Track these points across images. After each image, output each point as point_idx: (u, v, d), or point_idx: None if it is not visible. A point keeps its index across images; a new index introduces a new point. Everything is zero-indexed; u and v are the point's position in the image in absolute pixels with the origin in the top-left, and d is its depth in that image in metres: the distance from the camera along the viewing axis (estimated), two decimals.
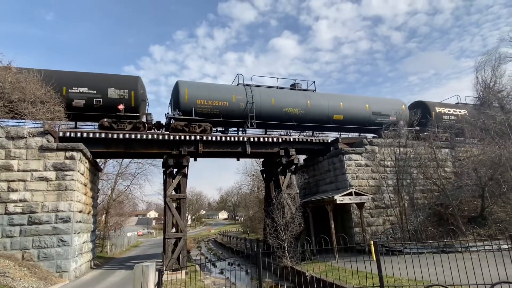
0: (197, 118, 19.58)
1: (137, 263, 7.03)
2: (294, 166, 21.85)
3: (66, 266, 14.57)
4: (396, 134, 20.45)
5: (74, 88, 17.75)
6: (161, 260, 18.08)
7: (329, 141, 22.98)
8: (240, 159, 23.51)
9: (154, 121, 19.99)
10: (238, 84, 22.16)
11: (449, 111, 26.32)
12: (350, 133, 24.45)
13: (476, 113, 23.72)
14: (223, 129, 21.38)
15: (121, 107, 18.27)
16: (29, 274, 12.68)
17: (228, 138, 19.99)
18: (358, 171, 21.24)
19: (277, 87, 23.36)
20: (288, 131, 23.09)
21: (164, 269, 14.38)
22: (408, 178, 20.68)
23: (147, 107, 20.13)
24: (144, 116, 19.53)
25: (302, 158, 28.07)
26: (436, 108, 26.02)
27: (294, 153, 21.31)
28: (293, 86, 24.15)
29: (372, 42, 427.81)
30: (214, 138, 19.62)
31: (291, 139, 21.54)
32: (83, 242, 17.28)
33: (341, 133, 24.14)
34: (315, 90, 24.44)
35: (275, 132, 23.82)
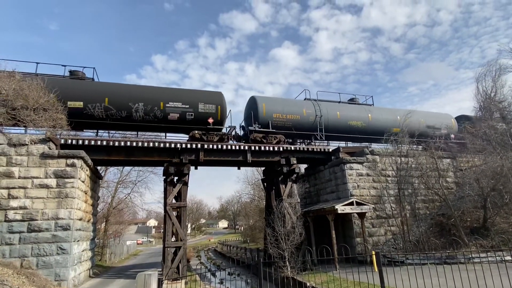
0: (274, 130, 21.59)
1: (137, 272, 6.98)
2: (295, 175, 21.79)
3: (65, 274, 14.44)
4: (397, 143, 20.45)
5: (170, 102, 19.45)
6: (161, 269, 17.92)
7: (330, 150, 22.96)
8: (241, 167, 23.50)
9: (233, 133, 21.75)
10: (305, 99, 24.58)
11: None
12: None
13: (478, 123, 23.75)
14: (291, 140, 22.96)
15: (210, 120, 20.23)
16: (27, 282, 12.55)
17: (229, 147, 20.00)
18: (359, 180, 21.17)
19: (339, 102, 25.58)
20: (347, 142, 24.60)
21: (164, 278, 14.25)
22: (410, 188, 20.57)
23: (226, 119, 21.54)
24: (225, 128, 21.32)
25: (303, 167, 28.01)
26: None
27: (295, 162, 21.27)
28: (351, 100, 26.33)
29: (371, 53, 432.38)
30: (215, 147, 19.63)
31: (292, 148, 21.54)
32: (83, 250, 17.16)
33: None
34: (373, 104, 26.65)
35: (336, 143, 24.51)
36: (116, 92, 18.79)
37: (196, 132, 19.79)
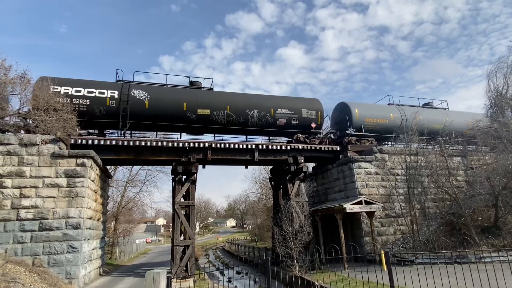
0: (366, 133, 23.33)
1: (146, 271, 7.04)
2: (302, 174, 21.73)
3: (76, 272, 14.64)
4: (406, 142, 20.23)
5: (278, 109, 21.87)
6: (170, 268, 18.05)
7: (338, 149, 22.84)
8: (249, 166, 23.54)
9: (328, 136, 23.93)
10: (389, 104, 26.51)
11: None
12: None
13: (489, 120, 23.38)
14: (376, 141, 23.98)
15: (313, 125, 22.52)
16: (39, 280, 12.76)
17: (236, 146, 20.03)
18: (368, 179, 21.01)
19: (418, 106, 27.36)
20: (427, 144, 25.08)
21: (173, 277, 14.35)
22: (419, 187, 20.33)
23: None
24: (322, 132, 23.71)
25: (310, 166, 27.91)
26: None
27: (302, 161, 21.22)
28: (426, 105, 28.15)
29: (378, 52, 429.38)
30: (222, 146, 19.68)
31: (300, 147, 21.47)
32: (93, 249, 17.37)
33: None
34: (448, 108, 28.65)
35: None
36: (236, 100, 21.17)
37: (301, 135, 22.07)
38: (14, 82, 15.26)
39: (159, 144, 18.57)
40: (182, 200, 19.44)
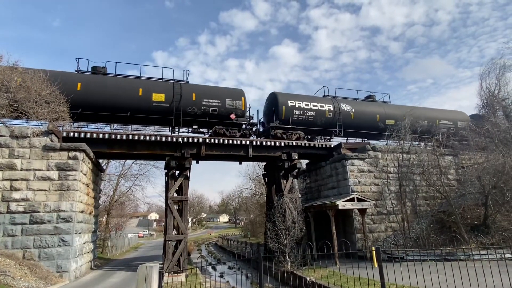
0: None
1: (138, 265, 7.02)
2: (296, 171, 21.78)
3: (67, 266, 14.56)
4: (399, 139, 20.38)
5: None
6: (162, 262, 18.04)
7: (332, 146, 22.94)
8: (243, 162, 23.50)
9: None
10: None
11: None
12: None
13: (480, 120, 23.64)
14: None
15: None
16: (29, 273, 12.67)
17: (230, 141, 19.98)
18: (360, 176, 21.15)
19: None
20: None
21: (165, 271, 14.33)
22: (411, 185, 20.54)
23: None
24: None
25: (304, 162, 28.00)
26: None
27: (296, 157, 21.25)
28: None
29: (370, 52, 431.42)
30: (216, 141, 19.62)
31: (294, 144, 21.50)
32: (84, 243, 17.28)
33: None
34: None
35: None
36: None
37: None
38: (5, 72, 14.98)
39: (153, 138, 18.45)
40: (175, 195, 19.38)
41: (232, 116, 20.57)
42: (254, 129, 22.07)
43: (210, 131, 20.64)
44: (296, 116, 22.25)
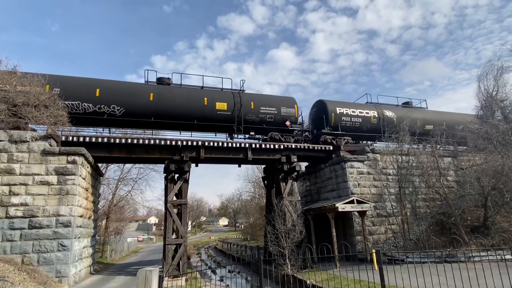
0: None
1: (137, 269, 7.00)
2: (295, 173, 21.78)
3: (66, 271, 14.48)
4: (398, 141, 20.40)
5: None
6: (161, 266, 17.97)
7: (331, 148, 22.95)
8: (242, 165, 23.50)
9: None
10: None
11: None
12: None
13: (479, 122, 23.69)
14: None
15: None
16: (28, 278, 12.60)
17: (230, 144, 19.98)
18: (360, 179, 21.16)
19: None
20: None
21: (164, 275, 14.28)
22: (411, 187, 20.56)
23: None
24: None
25: (304, 165, 28.00)
26: None
27: (296, 160, 21.25)
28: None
29: (368, 54, 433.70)
30: (216, 144, 19.61)
31: (293, 146, 21.51)
32: (83, 247, 17.20)
33: None
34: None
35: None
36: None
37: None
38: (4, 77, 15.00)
39: (152, 142, 18.44)
40: (175, 198, 19.33)
41: (287, 123, 22.04)
42: (304, 135, 23.20)
43: (265, 136, 22.18)
44: (344, 123, 23.54)
